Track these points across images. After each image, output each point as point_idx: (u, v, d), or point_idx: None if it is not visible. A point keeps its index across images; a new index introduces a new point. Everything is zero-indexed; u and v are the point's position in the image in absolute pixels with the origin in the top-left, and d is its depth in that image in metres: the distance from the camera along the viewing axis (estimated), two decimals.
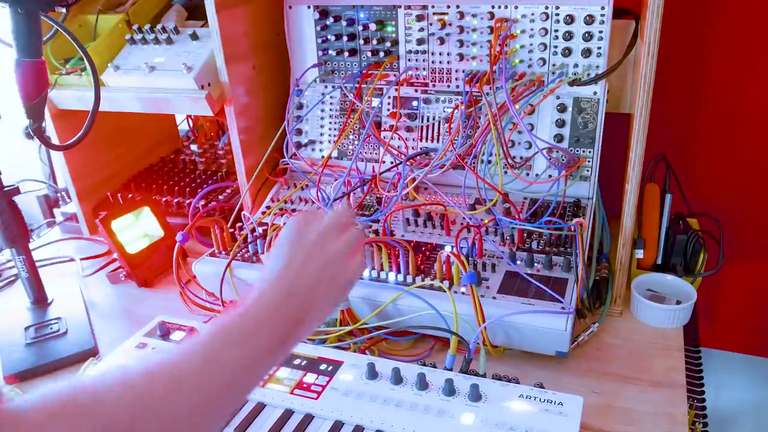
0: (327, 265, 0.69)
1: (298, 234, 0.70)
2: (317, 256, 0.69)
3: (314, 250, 0.69)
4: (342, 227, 0.74)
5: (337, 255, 0.70)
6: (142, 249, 1.26)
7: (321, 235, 0.71)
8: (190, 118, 1.67)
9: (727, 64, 1.30)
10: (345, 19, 1.20)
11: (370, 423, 0.79)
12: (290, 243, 0.69)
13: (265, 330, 0.60)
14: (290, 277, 0.66)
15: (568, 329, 0.88)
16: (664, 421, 0.84)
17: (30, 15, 0.92)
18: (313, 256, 0.68)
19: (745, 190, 1.39)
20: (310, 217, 0.74)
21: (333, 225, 0.73)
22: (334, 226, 0.73)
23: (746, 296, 1.51)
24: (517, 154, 1.14)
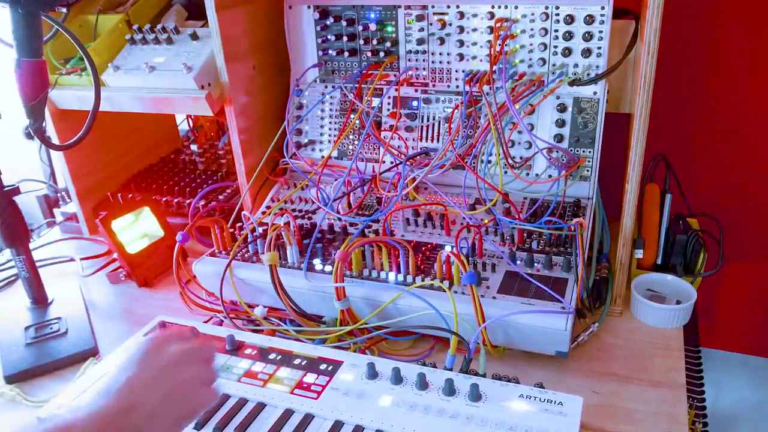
0: (173, 390, 0.67)
1: (153, 350, 0.69)
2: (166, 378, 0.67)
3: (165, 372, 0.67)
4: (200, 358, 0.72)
5: (186, 383, 0.69)
6: (142, 249, 1.26)
7: (176, 358, 0.69)
8: (190, 118, 1.67)
9: (727, 64, 1.30)
10: (345, 19, 1.20)
11: (370, 423, 0.79)
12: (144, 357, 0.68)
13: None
14: (133, 392, 0.64)
15: (568, 329, 0.88)
16: (664, 421, 0.84)
17: (30, 15, 0.92)
18: (163, 377, 0.67)
19: (745, 190, 1.39)
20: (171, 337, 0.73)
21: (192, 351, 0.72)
22: (193, 353, 0.72)
23: (746, 296, 1.51)
24: (517, 154, 1.14)
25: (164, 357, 0.69)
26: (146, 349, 0.69)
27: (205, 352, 0.74)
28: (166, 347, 0.70)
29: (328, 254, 1.07)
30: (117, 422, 0.61)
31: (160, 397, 0.65)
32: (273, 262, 1.00)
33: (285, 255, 1.07)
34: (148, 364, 0.67)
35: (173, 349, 0.70)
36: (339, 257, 0.97)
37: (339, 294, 0.97)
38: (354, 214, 1.17)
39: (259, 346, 0.94)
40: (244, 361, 0.92)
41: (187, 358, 0.70)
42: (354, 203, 1.18)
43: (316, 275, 1.03)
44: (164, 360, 0.68)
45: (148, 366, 0.67)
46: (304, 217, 1.19)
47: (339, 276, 0.97)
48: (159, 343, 0.71)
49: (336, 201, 1.16)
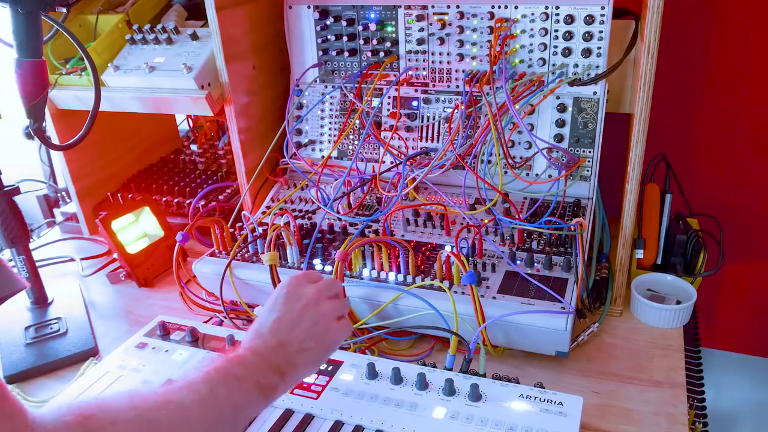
0: (316, 324, 0.74)
1: (292, 291, 0.76)
2: (308, 315, 0.74)
3: (306, 309, 0.75)
4: (332, 294, 0.80)
5: (325, 316, 0.76)
6: (142, 249, 1.26)
7: (313, 297, 0.77)
8: (190, 118, 1.66)
9: (727, 64, 1.30)
10: (345, 19, 1.20)
11: (370, 423, 0.79)
12: (284, 299, 0.76)
13: (254, 377, 0.66)
14: (282, 330, 0.72)
15: (568, 329, 0.88)
16: (664, 421, 0.84)
17: (30, 15, 0.92)
18: (305, 314, 0.74)
19: (745, 190, 1.39)
20: (305, 278, 0.80)
21: (324, 289, 0.79)
22: (325, 291, 0.79)
23: (746, 296, 1.51)
24: (517, 154, 1.14)
25: (303, 297, 0.76)
26: (286, 292, 0.76)
27: (335, 287, 0.81)
28: (302, 288, 0.77)
29: (328, 254, 1.07)
30: (271, 357, 0.69)
31: (304, 332, 0.73)
32: (273, 262, 1.00)
33: (285, 255, 1.07)
34: (290, 304, 0.75)
35: (308, 290, 0.77)
36: (339, 257, 0.97)
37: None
38: (354, 214, 1.17)
39: None
40: None
41: (320, 295, 0.77)
42: (354, 203, 1.18)
43: None
44: (303, 300, 0.76)
45: (291, 306, 0.74)
46: (304, 217, 1.19)
47: (339, 276, 0.97)
48: (296, 285, 0.77)
49: (336, 201, 1.16)
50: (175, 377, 0.89)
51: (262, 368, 0.68)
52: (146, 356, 0.94)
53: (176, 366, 0.92)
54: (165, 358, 0.94)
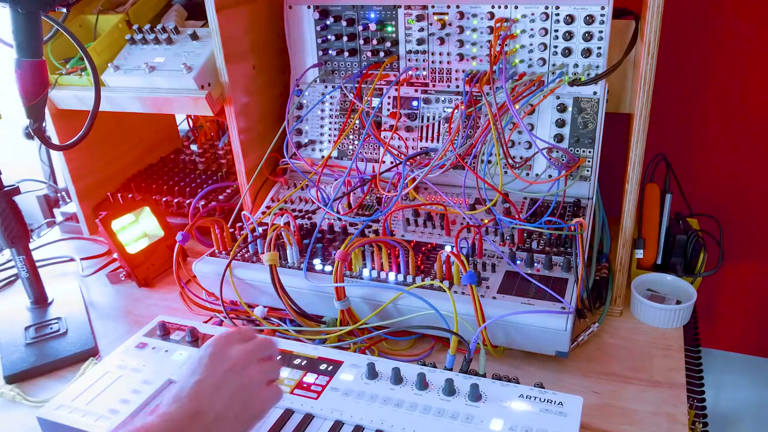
0: (241, 390, 0.69)
1: (218, 352, 0.71)
2: (232, 380, 0.69)
3: (229, 374, 0.69)
4: (263, 356, 0.74)
5: (252, 382, 0.70)
6: (142, 249, 1.26)
7: (240, 360, 0.71)
8: (190, 118, 1.67)
9: (727, 64, 1.30)
10: (345, 19, 1.20)
11: (370, 423, 0.79)
12: (208, 360, 0.70)
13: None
14: (201, 396, 0.67)
15: (568, 329, 0.88)
16: (664, 421, 0.84)
17: (30, 15, 0.92)
18: (228, 379, 0.69)
19: (745, 190, 1.39)
20: (233, 337, 0.74)
21: (254, 351, 0.73)
22: (255, 353, 0.73)
23: (746, 296, 1.51)
24: (517, 154, 1.14)
25: (228, 359, 0.70)
26: (211, 353, 0.71)
27: (267, 349, 0.75)
28: (229, 349, 0.72)
29: (328, 254, 1.07)
30: (185, 426, 0.64)
31: (226, 399, 0.67)
32: (273, 262, 1.00)
33: (285, 255, 1.07)
34: (213, 367, 0.69)
35: (235, 351, 0.71)
36: (339, 257, 0.97)
37: (339, 294, 0.97)
38: (354, 214, 1.17)
39: None
40: None
41: (250, 357, 0.72)
42: (354, 203, 1.18)
43: (316, 275, 1.03)
44: (229, 362, 0.70)
45: (214, 369, 0.69)
46: (304, 217, 1.19)
47: (339, 276, 0.97)
48: (222, 345, 0.72)
49: (336, 201, 1.16)
50: (175, 377, 0.89)
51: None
52: (146, 356, 0.94)
53: (176, 366, 0.92)
54: (165, 358, 0.94)
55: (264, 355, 0.74)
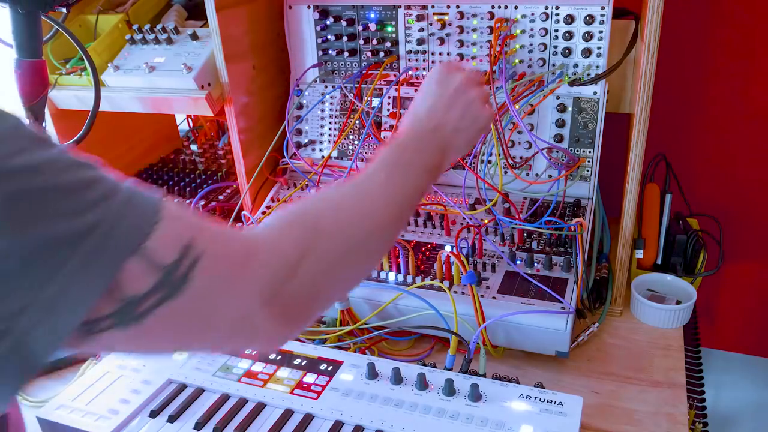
0: (468, 107, 0.78)
1: (443, 78, 0.79)
2: (460, 99, 0.78)
3: (458, 94, 0.78)
4: (478, 81, 0.83)
5: (475, 100, 0.79)
6: None
7: (463, 82, 0.79)
8: (190, 118, 1.66)
9: (727, 64, 1.30)
10: (345, 19, 1.20)
11: (370, 423, 0.79)
12: (437, 85, 0.79)
13: (416, 159, 0.70)
14: (437, 114, 0.76)
15: (568, 329, 0.88)
16: (664, 421, 0.84)
17: (30, 15, 0.92)
18: (457, 98, 0.78)
19: (745, 190, 1.39)
20: (452, 66, 0.82)
21: (473, 75, 0.82)
22: (474, 76, 0.82)
23: (746, 296, 1.51)
24: (517, 154, 1.14)
25: (453, 82, 0.79)
26: (438, 79, 0.79)
27: (479, 75, 0.85)
28: (452, 74, 0.80)
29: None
30: (431, 138, 0.73)
31: (458, 113, 0.77)
32: None
33: None
34: (443, 89, 0.78)
35: (457, 76, 0.80)
36: None
37: None
38: None
39: None
40: (243, 361, 0.92)
41: (471, 80, 0.80)
42: None
43: None
44: (454, 84, 0.78)
45: (444, 90, 0.78)
46: None
47: None
48: (446, 72, 0.80)
49: None
50: (175, 377, 0.89)
51: (425, 150, 0.71)
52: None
53: (176, 366, 0.92)
54: (165, 358, 0.94)
55: (478, 80, 0.82)
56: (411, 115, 0.77)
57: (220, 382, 0.88)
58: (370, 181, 0.65)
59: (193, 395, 0.86)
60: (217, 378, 0.89)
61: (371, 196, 0.63)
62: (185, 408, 0.84)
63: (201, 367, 0.91)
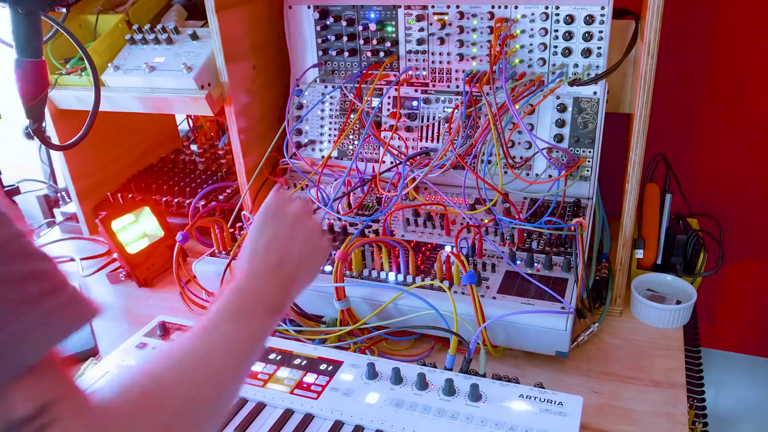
0: (308, 238, 0.76)
1: (279, 210, 0.76)
2: (300, 230, 0.75)
3: (297, 225, 0.75)
4: (311, 210, 0.81)
5: (314, 231, 0.77)
6: (142, 249, 1.26)
7: (299, 212, 0.77)
8: (190, 118, 1.66)
9: (727, 64, 1.30)
10: (345, 19, 1.20)
11: (370, 423, 0.79)
12: (273, 218, 0.75)
13: (259, 302, 0.66)
14: (279, 248, 0.72)
15: (568, 329, 0.88)
16: (664, 421, 0.84)
17: (30, 15, 0.92)
18: (297, 230, 0.75)
19: (745, 190, 1.39)
20: (285, 198, 0.80)
21: (307, 205, 0.80)
22: (308, 206, 0.80)
23: (746, 296, 1.51)
24: (517, 154, 1.14)
25: (290, 214, 0.76)
26: (273, 211, 0.76)
27: (311, 205, 0.82)
28: (287, 206, 0.77)
29: (328, 254, 1.06)
30: (273, 276, 0.69)
31: (300, 246, 0.74)
32: None
33: None
34: (280, 222, 0.75)
35: (292, 207, 0.77)
36: (339, 257, 0.97)
37: (339, 294, 0.97)
38: (354, 214, 1.17)
39: None
40: None
41: (306, 210, 0.78)
42: (354, 203, 1.18)
43: None
44: (291, 216, 0.76)
45: (281, 223, 0.75)
46: None
47: (339, 276, 0.97)
48: (279, 205, 0.77)
49: (336, 201, 1.16)
50: None
51: (267, 290, 0.68)
52: (146, 356, 0.94)
53: None
54: None
55: (311, 210, 0.81)
56: (248, 252, 0.72)
57: None
58: (211, 334, 0.61)
59: None
60: None
61: (214, 350, 0.59)
62: None
63: None
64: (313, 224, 0.78)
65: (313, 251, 0.76)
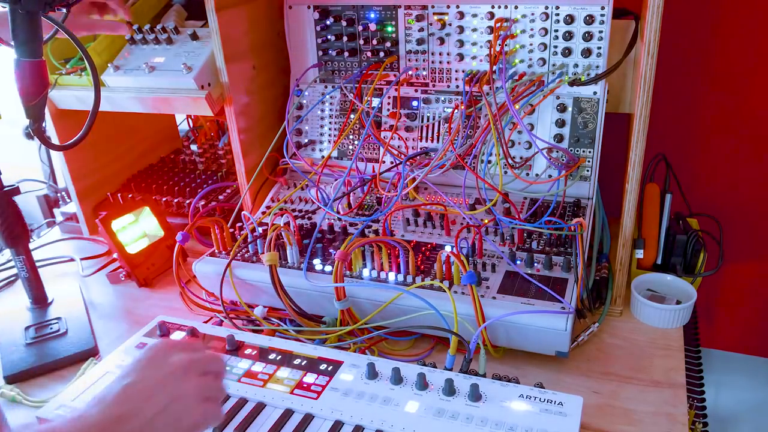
0: (176, 401, 0.63)
1: (158, 357, 0.66)
2: (169, 389, 0.63)
3: (167, 380, 0.64)
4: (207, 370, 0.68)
5: (189, 394, 0.64)
6: (142, 249, 1.26)
7: (180, 368, 0.65)
8: (190, 118, 1.67)
9: (727, 64, 1.30)
10: (345, 19, 1.20)
11: (370, 423, 0.79)
12: (145, 363, 0.65)
13: None
14: (131, 401, 0.61)
15: (568, 329, 0.88)
16: (664, 421, 0.84)
17: (30, 15, 0.92)
18: (166, 387, 0.63)
19: (745, 190, 1.39)
20: (178, 345, 0.69)
21: (198, 363, 0.67)
22: (198, 364, 0.67)
23: (746, 296, 1.51)
24: (517, 154, 1.14)
25: (168, 365, 0.65)
26: (151, 356, 0.65)
27: (213, 365, 0.69)
28: (171, 355, 0.66)
29: (328, 254, 1.07)
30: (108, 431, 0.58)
31: (158, 407, 0.61)
32: (273, 262, 1.00)
33: (285, 255, 1.07)
34: (150, 371, 0.64)
35: (177, 358, 0.66)
36: (339, 257, 0.97)
37: (339, 294, 0.97)
38: (354, 214, 1.17)
39: (259, 346, 0.95)
40: (244, 361, 0.92)
41: (191, 368, 0.66)
42: (354, 203, 1.18)
43: (316, 275, 1.03)
44: (167, 369, 0.64)
45: (150, 373, 0.63)
46: (304, 217, 1.19)
47: (339, 276, 0.97)
48: (164, 350, 0.66)
49: (336, 201, 1.16)
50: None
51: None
52: None
53: None
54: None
55: (208, 370, 0.68)
56: (99, 395, 0.61)
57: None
58: None
59: None
60: None
61: None
62: None
63: None
64: (191, 387, 0.64)
65: (179, 418, 0.62)
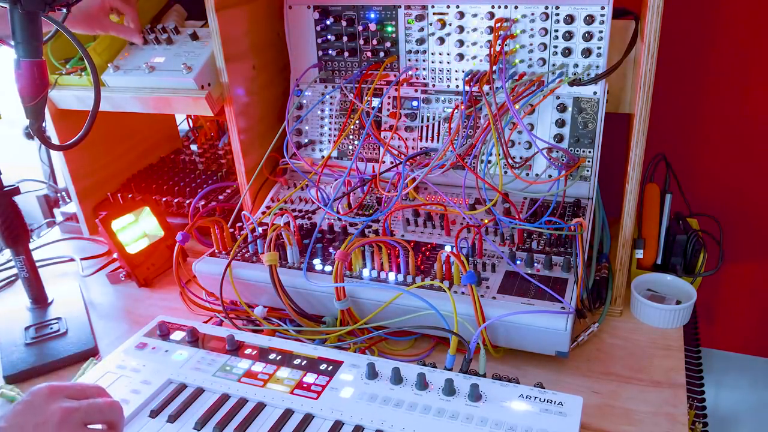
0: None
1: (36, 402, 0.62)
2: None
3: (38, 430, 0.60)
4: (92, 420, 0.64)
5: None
6: (142, 249, 1.26)
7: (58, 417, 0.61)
8: (190, 118, 1.67)
9: (727, 64, 1.30)
10: (345, 19, 1.20)
11: (370, 423, 0.79)
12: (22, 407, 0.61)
13: None
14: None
15: (568, 329, 0.88)
16: (664, 421, 0.84)
17: (30, 15, 0.92)
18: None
19: (745, 190, 1.39)
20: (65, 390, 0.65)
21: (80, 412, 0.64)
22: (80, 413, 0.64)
23: (746, 296, 1.51)
24: (517, 154, 1.14)
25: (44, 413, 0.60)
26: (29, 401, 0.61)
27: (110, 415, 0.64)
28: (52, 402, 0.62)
29: (328, 254, 1.07)
30: None
31: None
32: (273, 262, 1.00)
33: (285, 255, 1.07)
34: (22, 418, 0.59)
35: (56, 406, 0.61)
36: (339, 257, 0.97)
37: (339, 294, 0.97)
38: (354, 214, 1.17)
39: (259, 346, 0.94)
40: (244, 361, 0.92)
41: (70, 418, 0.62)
42: (354, 203, 1.18)
43: (316, 275, 1.03)
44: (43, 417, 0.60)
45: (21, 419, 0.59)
46: (304, 217, 1.19)
47: (339, 276, 0.97)
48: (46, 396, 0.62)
49: (336, 201, 1.16)
50: (175, 377, 0.89)
51: None
52: (146, 356, 0.94)
53: (176, 366, 0.92)
54: (165, 358, 0.94)
55: (94, 420, 0.64)
56: None
57: (219, 382, 0.88)
58: None
59: (193, 395, 0.86)
60: (216, 378, 0.89)
61: None
62: (185, 408, 0.84)
63: (201, 367, 0.91)
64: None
65: None
